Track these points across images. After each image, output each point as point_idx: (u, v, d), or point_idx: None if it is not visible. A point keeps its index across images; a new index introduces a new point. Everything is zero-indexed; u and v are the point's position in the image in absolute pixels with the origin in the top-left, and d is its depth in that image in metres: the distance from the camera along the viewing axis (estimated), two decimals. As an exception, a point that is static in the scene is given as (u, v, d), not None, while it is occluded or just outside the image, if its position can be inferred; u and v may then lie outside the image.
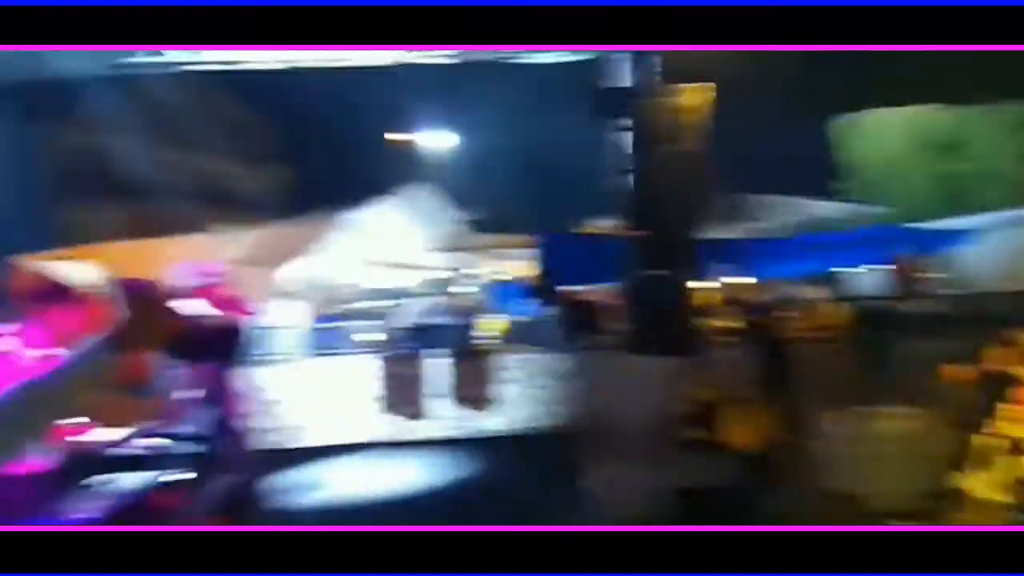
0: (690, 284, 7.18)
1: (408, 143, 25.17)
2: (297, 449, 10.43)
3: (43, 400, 1.33)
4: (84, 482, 2.96)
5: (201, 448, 3.06)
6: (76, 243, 13.91)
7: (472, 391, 10.71)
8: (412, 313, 13.92)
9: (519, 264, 14.71)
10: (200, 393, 3.87)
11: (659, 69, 7.18)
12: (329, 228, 13.70)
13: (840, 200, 18.80)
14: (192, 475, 3.07)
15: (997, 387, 7.69)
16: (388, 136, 24.51)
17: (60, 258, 11.69)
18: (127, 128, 23.69)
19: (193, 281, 4.34)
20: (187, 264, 4.72)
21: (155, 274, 12.36)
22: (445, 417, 11.19)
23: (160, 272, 12.22)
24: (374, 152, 24.21)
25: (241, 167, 32.84)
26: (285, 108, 26.41)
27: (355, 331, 14.23)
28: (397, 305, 14.92)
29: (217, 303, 4.30)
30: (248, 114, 31.74)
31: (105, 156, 26.29)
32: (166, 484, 2.95)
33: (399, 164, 23.03)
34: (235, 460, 4.14)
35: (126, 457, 3.13)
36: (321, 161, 26.23)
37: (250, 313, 4.49)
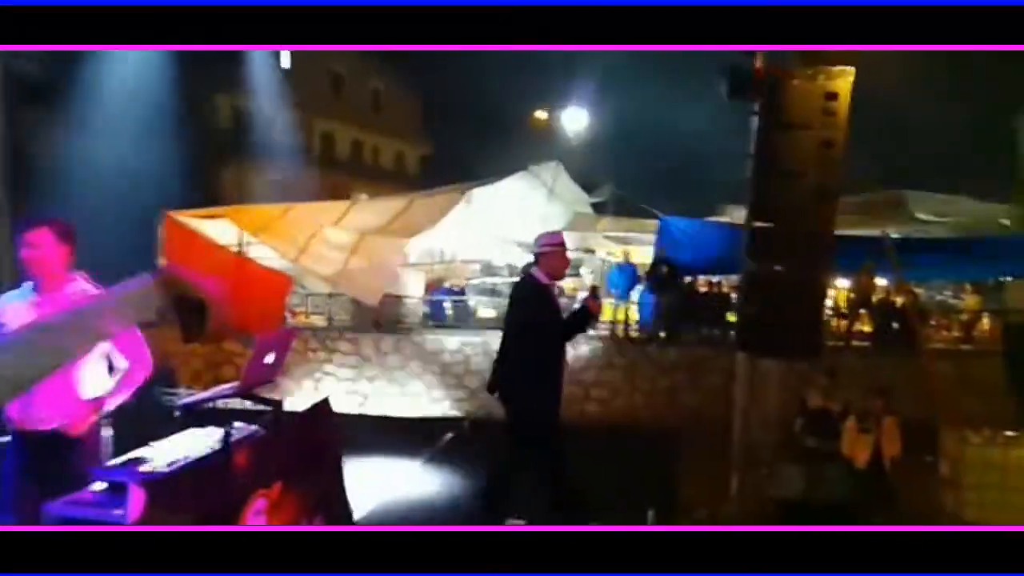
0: (818, 282, 6.66)
1: (543, 120, 25.16)
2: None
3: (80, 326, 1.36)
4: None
5: (268, 409, 3.11)
6: (224, 203, 14.90)
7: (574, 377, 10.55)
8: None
9: (640, 249, 14.40)
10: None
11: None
12: (460, 202, 13.88)
13: (1012, 203, 17.07)
14: (262, 433, 3.10)
15: None
16: (521, 113, 24.64)
17: (208, 216, 12.57)
18: (280, 97, 25.11)
19: (536, 248, 4.60)
20: (543, 232, 4.95)
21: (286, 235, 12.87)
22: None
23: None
24: (509, 128, 24.45)
25: (386, 139, 34.21)
26: (429, 83, 27.23)
27: (476, 306, 14.39)
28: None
29: (547, 271, 4.47)
30: (395, 89, 32.94)
31: (257, 123, 28.09)
32: (237, 441, 2.98)
33: (531, 141, 23.09)
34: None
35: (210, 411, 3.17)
36: (459, 135, 26.76)
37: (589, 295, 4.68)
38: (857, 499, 6.66)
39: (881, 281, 12.85)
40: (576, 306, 4.47)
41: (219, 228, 12.90)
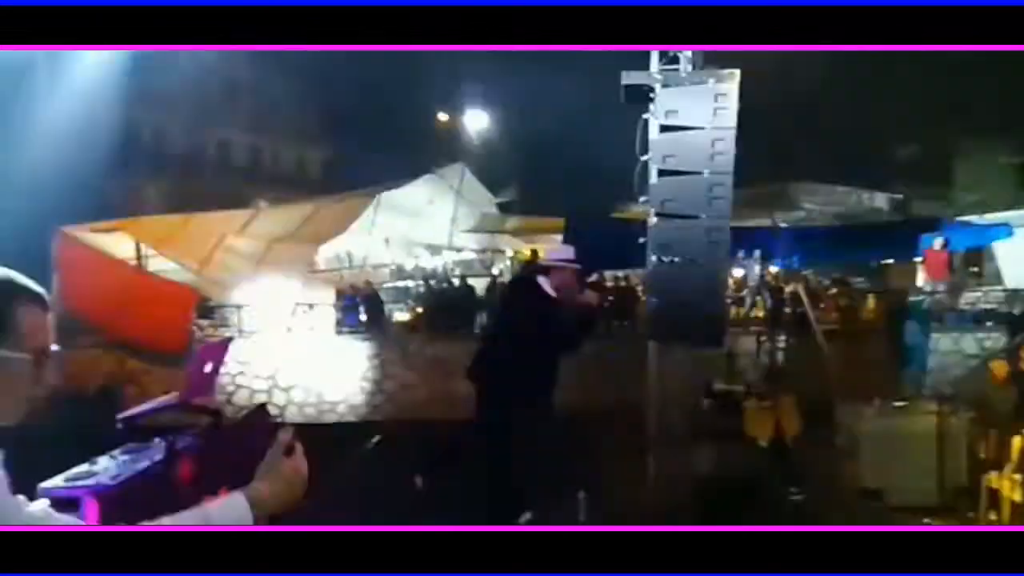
0: (717, 272, 7.06)
1: (445, 123, 25.30)
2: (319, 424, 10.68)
3: None
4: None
5: (210, 420, 3.17)
6: (122, 215, 14.34)
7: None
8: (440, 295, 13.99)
9: (547, 247, 14.74)
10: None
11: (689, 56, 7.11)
12: (368, 206, 13.87)
13: (889, 191, 18.39)
14: (202, 445, 3.16)
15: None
16: (425, 116, 24.67)
17: (104, 230, 12.11)
18: (179, 104, 24.19)
19: (547, 260, 4.66)
20: (556, 248, 5.04)
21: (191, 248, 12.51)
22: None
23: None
24: (412, 131, 24.42)
25: (288, 144, 33.50)
26: (329, 86, 26.82)
27: (390, 310, 14.37)
28: (427, 285, 15.04)
29: (557, 285, 4.55)
30: (295, 92, 32.24)
31: (154, 131, 27.02)
32: (181, 450, 3.03)
33: (437, 144, 23.19)
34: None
35: (148, 426, 3.20)
36: (362, 139, 26.51)
37: (588, 303, 4.71)
38: (762, 474, 7.11)
39: (773, 268, 13.63)
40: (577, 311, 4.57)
41: (116, 242, 12.47)
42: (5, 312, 1.28)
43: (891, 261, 15.14)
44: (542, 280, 4.44)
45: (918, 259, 13.32)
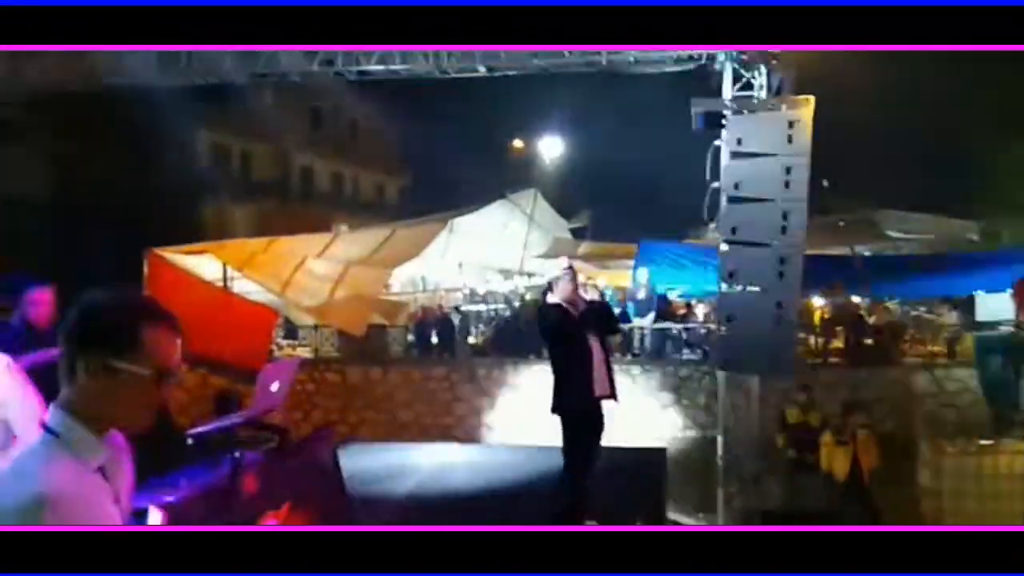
0: (790, 302, 6.93)
1: (518, 149, 25.57)
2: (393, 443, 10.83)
3: None
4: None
5: (275, 436, 3.28)
6: (207, 239, 14.98)
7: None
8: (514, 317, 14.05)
9: (619, 273, 14.65)
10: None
11: (765, 81, 7.07)
12: (442, 231, 14.11)
13: (978, 219, 17.57)
14: (266, 462, 3.27)
15: None
16: (498, 141, 24.99)
17: (192, 252, 12.64)
18: (260, 131, 25.21)
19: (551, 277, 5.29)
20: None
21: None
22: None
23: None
24: (485, 157, 24.78)
25: (366, 171, 34.41)
26: (406, 114, 27.44)
27: (460, 332, 14.52)
28: (501, 309, 15.12)
29: (559, 293, 4.97)
30: (374, 120, 33.10)
31: (238, 158, 28.19)
32: (244, 466, 3.14)
33: (509, 169, 23.44)
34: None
35: (218, 439, 3.32)
36: (437, 165, 27.03)
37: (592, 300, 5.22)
38: (838, 510, 6.87)
39: (854, 298, 13.17)
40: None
41: (202, 263, 13.02)
42: (134, 331, 1.40)
43: (981, 293, 14.44)
44: (548, 296, 4.84)
45: (1009, 291, 12.64)
